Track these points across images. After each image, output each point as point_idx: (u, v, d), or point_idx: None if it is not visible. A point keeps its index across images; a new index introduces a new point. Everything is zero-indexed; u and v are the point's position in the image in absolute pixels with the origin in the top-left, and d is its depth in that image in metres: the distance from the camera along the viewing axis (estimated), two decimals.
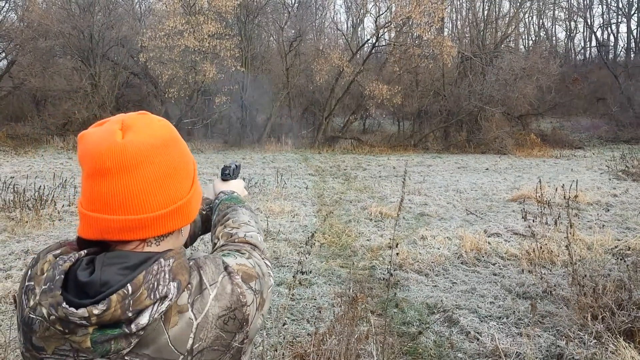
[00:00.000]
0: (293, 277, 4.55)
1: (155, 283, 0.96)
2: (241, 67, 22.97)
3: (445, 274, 6.31)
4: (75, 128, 22.75)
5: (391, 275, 4.20)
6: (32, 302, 0.98)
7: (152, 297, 0.94)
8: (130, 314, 0.93)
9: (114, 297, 0.92)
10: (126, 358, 0.95)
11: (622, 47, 41.20)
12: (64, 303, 0.92)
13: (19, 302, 1.03)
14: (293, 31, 27.67)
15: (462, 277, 6.15)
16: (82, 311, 0.91)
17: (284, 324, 4.52)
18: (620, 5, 39.62)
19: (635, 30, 38.89)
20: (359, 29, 34.38)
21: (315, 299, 5.34)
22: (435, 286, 5.88)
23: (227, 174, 1.69)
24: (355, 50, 25.59)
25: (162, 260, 0.99)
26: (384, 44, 25.94)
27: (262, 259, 1.21)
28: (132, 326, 0.93)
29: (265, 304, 1.13)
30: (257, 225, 1.39)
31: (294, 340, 4.32)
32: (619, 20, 40.74)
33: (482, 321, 4.86)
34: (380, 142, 25.16)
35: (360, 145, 24.15)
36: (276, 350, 3.98)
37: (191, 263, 1.05)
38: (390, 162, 18.77)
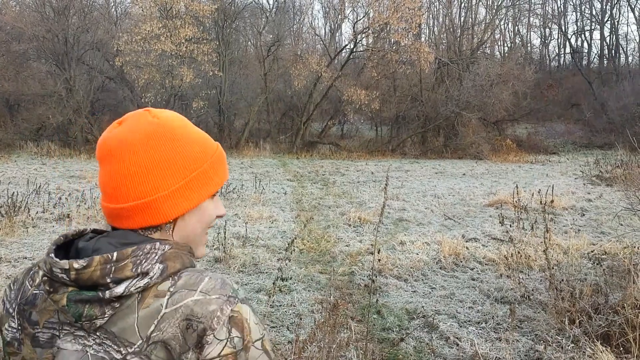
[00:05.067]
0: (273, 283, 4.51)
1: (143, 260, 0.97)
2: (219, 72, 22.87)
3: (424, 279, 6.33)
4: (49, 133, 22.43)
5: (373, 281, 4.19)
6: (37, 281, 1.05)
7: (134, 270, 0.96)
8: (108, 280, 0.94)
9: (97, 257, 0.94)
10: (97, 333, 0.96)
11: (596, 54, 42.01)
12: (52, 254, 0.98)
13: (19, 287, 1.07)
14: (271, 36, 27.62)
15: (440, 282, 6.17)
16: (64, 262, 0.94)
17: None
18: (594, 13, 40.40)
19: (609, 37, 39.62)
20: (337, 34, 34.54)
21: (294, 306, 5.31)
22: (414, 291, 5.89)
23: None
24: (333, 56, 25.61)
25: (158, 243, 1.01)
26: (361, 49, 26.01)
27: None
28: (107, 293, 0.94)
29: None
30: None
31: (274, 348, 4.28)
32: (593, 28, 41.55)
33: (461, 326, 4.88)
34: (358, 147, 25.21)
35: (339, 150, 24.18)
36: None
37: (204, 269, 1.06)
38: (369, 167, 18.82)
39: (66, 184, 12.91)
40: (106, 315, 0.95)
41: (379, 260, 6.49)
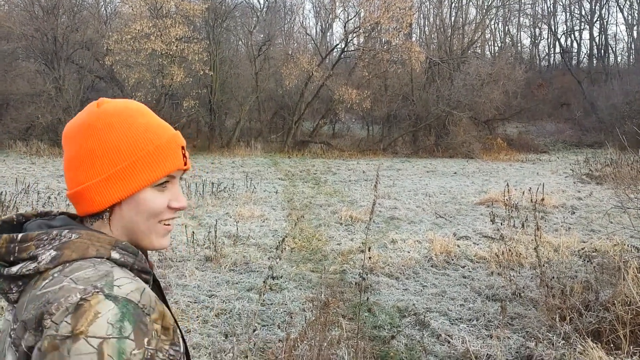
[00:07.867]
0: (263, 282, 4.49)
1: (47, 244, 0.99)
2: (209, 71, 22.79)
3: (416, 277, 6.32)
4: (38, 132, 22.26)
5: (363, 279, 4.18)
6: None
7: (30, 253, 0.98)
8: (12, 258, 0.98)
9: (5, 236, 0.99)
10: (14, 305, 1.00)
11: (585, 54, 42.32)
12: None
13: None
14: (262, 35, 27.58)
15: (432, 280, 6.17)
16: None
17: (254, 330, 4.46)
18: (583, 13, 40.65)
19: (598, 37, 39.85)
20: (328, 33, 34.52)
21: (286, 304, 5.29)
22: (405, 289, 5.88)
23: None
24: (324, 55, 25.61)
25: (66, 231, 1.01)
26: (352, 48, 26.03)
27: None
28: (5, 270, 0.98)
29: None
30: None
31: (265, 346, 4.26)
32: (582, 27, 41.80)
33: (452, 324, 4.88)
34: (349, 146, 25.21)
35: (330, 149, 24.16)
36: (246, 357, 3.92)
37: (111, 265, 1.00)
38: (360, 166, 18.83)
39: (55, 183, 12.80)
40: (14, 291, 0.99)
41: (370, 258, 6.48)
